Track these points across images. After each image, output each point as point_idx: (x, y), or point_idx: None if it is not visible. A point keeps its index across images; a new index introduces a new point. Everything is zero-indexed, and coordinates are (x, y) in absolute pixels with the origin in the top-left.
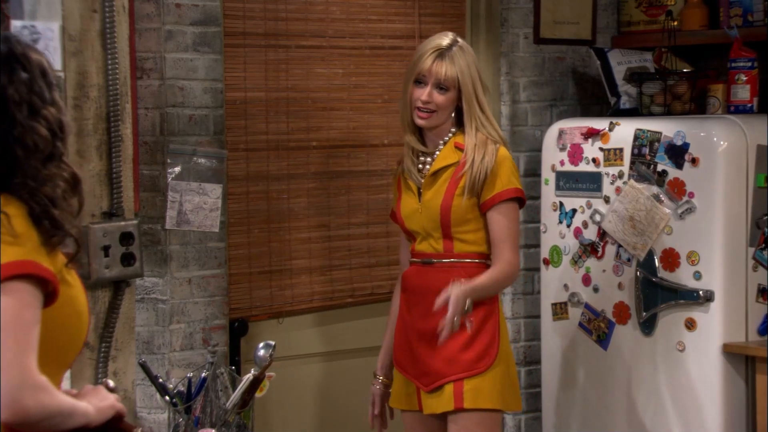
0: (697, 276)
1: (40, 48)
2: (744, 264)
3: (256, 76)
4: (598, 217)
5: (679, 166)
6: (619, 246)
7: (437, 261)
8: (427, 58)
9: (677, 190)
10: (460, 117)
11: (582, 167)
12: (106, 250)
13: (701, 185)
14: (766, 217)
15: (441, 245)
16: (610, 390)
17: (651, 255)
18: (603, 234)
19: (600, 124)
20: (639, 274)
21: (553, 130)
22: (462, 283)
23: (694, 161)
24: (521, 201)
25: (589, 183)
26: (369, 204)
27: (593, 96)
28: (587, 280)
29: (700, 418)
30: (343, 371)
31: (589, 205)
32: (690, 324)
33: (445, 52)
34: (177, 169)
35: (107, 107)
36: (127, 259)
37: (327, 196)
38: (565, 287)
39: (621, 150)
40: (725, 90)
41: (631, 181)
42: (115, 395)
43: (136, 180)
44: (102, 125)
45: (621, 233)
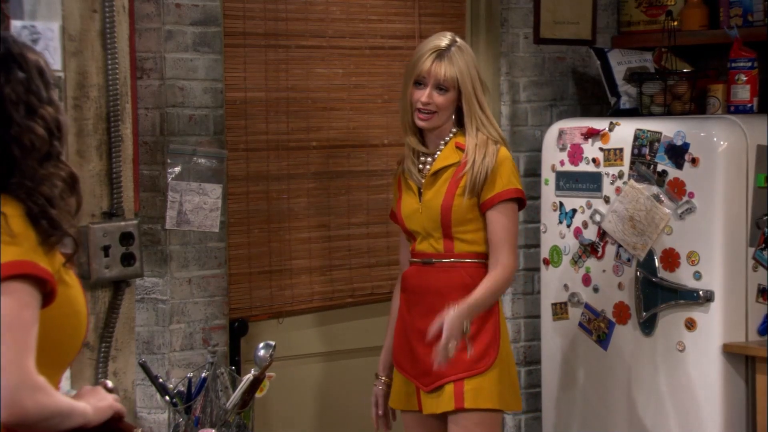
0: (697, 276)
1: (40, 48)
2: (744, 264)
3: (256, 76)
4: (598, 217)
5: (679, 166)
6: (619, 246)
7: (437, 261)
8: (426, 59)
9: (677, 190)
10: (460, 117)
11: (582, 167)
12: (106, 250)
13: (701, 185)
14: (766, 217)
15: (441, 245)
16: (610, 390)
17: (651, 255)
18: (603, 234)
19: (600, 124)
20: (639, 274)
21: (553, 130)
22: (457, 306)
23: (694, 161)
24: (521, 202)
25: (589, 183)
26: (369, 204)
27: (593, 96)
28: (587, 280)
29: (700, 418)
30: (343, 371)
31: (589, 205)
32: (690, 324)
33: (444, 52)
34: (177, 169)
35: (107, 107)
36: (127, 259)
37: (327, 196)
38: (565, 287)
39: (621, 150)
40: (725, 90)
41: (631, 181)
42: (114, 395)
43: (136, 180)
44: (102, 125)
45: (621, 233)
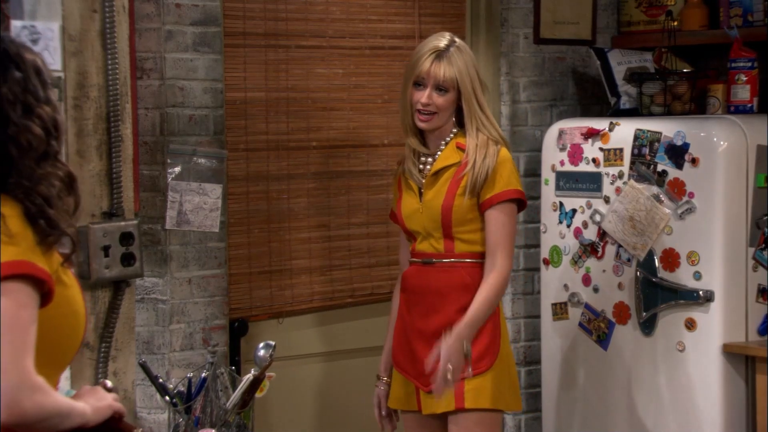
0: (697, 276)
1: (39, 48)
2: (744, 264)
3: (256, 76)
4: (598, 217)
5: (679, 166)
6: (619, 246)
7: (438, 261)
8: (425, 60)
9: (677, 190)
10: (460, 117)
11: (582, 167)
12: (106, 250)
13: (701, 185)
14: (766, 217)
15: (442, 245)
16: (610, 390)
17: (651, 255)
18: (603, 234)
19: (600, 124)
20: (639, 274)
21: (553, 130)
22: (454, 328)
23: (694, 161)
24: (521, 203)
25: (589, 183)
26: (369, 204)
27: (593, 96)
28: (587, 280)
29: (700, 418)
30: (343, 371)
31: (589, 205)
32: (690, 324)
33: (443, 53)
34: (177, 169)
35: (107, 107)
36: (127, 259)
37: (327, 196)
38: (565, 287)
39: (621, 150)
40: (725, 90)
41: (631, 181)
42: (114, 395)
43: (136, 180)
44: (102, 125)
45: (621, 233)
